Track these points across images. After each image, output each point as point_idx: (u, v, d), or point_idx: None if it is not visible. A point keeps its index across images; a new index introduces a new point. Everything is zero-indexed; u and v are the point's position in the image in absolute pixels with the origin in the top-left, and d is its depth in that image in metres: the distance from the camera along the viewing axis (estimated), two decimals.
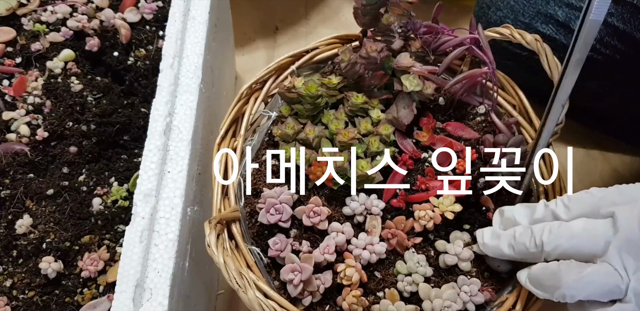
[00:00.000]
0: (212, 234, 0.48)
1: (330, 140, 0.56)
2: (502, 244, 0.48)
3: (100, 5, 0.70)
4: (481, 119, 0.60)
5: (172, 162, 0.54)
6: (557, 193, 0.55)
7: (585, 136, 0.94)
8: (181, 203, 0.52)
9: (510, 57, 0.78)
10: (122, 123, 0.63)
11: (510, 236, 0.47)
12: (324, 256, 0.50)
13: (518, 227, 0.47)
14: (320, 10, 1.10)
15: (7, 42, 0.67)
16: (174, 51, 0.60)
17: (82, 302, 0.53)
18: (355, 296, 0.48)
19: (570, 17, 0.73)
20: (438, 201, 0.53)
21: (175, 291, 0.49)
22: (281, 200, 0.52)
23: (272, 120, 0.59)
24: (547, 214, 0.47)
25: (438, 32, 0.59)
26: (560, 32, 0.74)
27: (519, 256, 0.47)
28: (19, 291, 0.54)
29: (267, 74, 0.61)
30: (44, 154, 0.61)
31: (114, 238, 0.57)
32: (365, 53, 0.56)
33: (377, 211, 0.53)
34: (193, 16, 0.63)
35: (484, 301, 0.50)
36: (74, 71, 0.67)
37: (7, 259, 0.55)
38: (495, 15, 0.78)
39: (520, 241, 0.46)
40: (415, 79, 0.56)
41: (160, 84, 0.57)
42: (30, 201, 0.58)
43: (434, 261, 0.52)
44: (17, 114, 0.62)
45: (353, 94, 0.57)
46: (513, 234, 0.47)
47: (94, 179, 0.60)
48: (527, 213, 0.49)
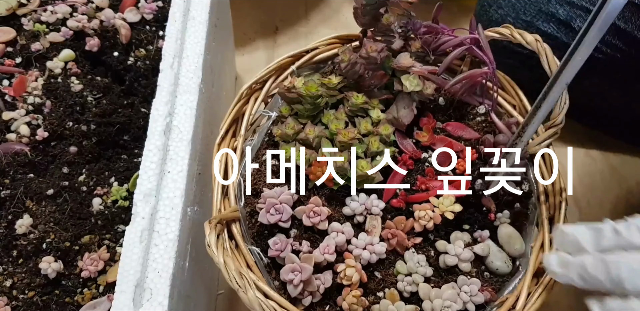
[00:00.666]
0: (212, 234, 0.48)
1: (330, 140, 0.56)
2: (572, 274, 0.42)
3: (100, 5, 0.70)
4: (481, 119, 0.60)
5: (172, 162, 0.54)
6: (557, 193, 0.55)
7: (585, 136, 0.94)
8: (181, 203, 0.52)
9: (511, 56, 0.78)
10: (122, 123, 0.63)
11: (580, 267, 0.41)
12: (324, 256, 0.50)
13: (587, 257, 0.41)
14: (320, 10, 1.10)
15: (7, 42, 0.67)
16: (174, 51, 0.60)
17: (82, 302, 0.53)
18: (355, 296, 0.48)
19: (572, 16, 0.73)
20: (438, 201, 0.53)
21: (175, 291, 0.49)
22: (281, 200, 0.52)
23: (272, 120, 0.59)
24: (619, 242, 0.40)
25: (438, 32, 0.59)
26: (561, 31, 0.74)
27: (594, 289, 0.41)
28: (19, 291, 0.54)
29: (267, 74, 0.61)
30: (44, 154, 0.61)
31: (114, 238, 0.57)
32: (365, 53, 0.56)
33: (377, 211, 0.53)
34: (193, 16, 0.63)
35: (484, 301, 0.50)
36: (74, 71, 0.67)
37: (7, 259, 0.55)
38: (496, 14, 0.78)
39: (593, 274, 0.40)
40: (415, 79, 0.56)
41: (160, 84, 0.57)
42: (30, 201, 0.58)
43: (434, 261, 0.52)
44: (17, 114, 0.62)
45: (353, 94, 0.57)
46: (583, 265, 0.41)
47: (94, 179, 0.60)
48: (593, 238, 0.42)
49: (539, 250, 0.53)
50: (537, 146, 0.56)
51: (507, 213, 0.55)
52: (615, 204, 0.88)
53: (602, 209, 0.87)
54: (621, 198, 0.88)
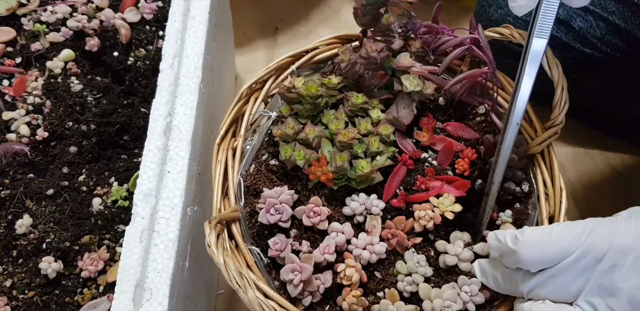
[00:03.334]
0: (212, 234, 0.48)
1: (330, 140, 0.56)
2: (490, 283, 0.50)
3: (100, 5, 0.70)
4: (481, 119, 0.60)
5: (172, 162, 0.54)
6: (557, 193, 0.55)
7: (585, 136, 0.94)
8: (181, 203, 0.52)
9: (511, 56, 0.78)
10: (122, 123, 0.63)
11: (494, 278, 0.49)
12: (324, 256, 0.50)
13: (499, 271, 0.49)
14: (320, 10, 1.10)
15: (7, 42, 0.67)
16: (174, 51, 0.60)
17: (82, 302, 0.53)
18: (355, 296, 0.48)
19: (571, 15, 0.73)
20: (438, 201, 0.53)
21: (175, 291, 0.49)
22: (281, 200, 0.52)
23: (272, 120, 0.59)
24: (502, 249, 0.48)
25: (438, 32, 0.59)
26: (561, 30, 0.74)
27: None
28: (19, 291, 0.54)
29: (267, 74, 0.61)
30: (44, 154, 0.61)
31: (114, 238, 0.57)
32: (365, 53, 0.56)
33: (377, 211, 0.53)
34: (193, 16, 0.63)
35: (484, 301, 0.50)
36: (74, 71, 0.67)
37: (7, 259, 0.55)
38: (496, 14, 0.78)
39: (503, 286, 0.49)
40: (415, 79, 0.56)
41: (160, 84, 0.57)
42: (30, 201, 0.58)
43: (434, 261, 0.52)
44: (17, 114, 0.62)
45: (353, 94, 0.57)
46: (496, 278, 0.49)
47: (94, 179, 0.60)
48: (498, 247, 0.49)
49: None
50: (537, 146, 0.56)
51: (509, 213, 0.55)
52: (615, 204, 0.88)
53: (602, 209, 0.87)
54: (621, 198, 0.88)
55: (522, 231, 0.46)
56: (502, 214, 0.55)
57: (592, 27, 0.72)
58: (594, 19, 0.72)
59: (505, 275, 0.48)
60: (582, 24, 0.72)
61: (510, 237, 0.46)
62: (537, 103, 0.61)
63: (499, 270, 0.48)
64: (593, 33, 0.72)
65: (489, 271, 0.49)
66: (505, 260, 0.47)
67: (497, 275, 0.48)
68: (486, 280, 0.50)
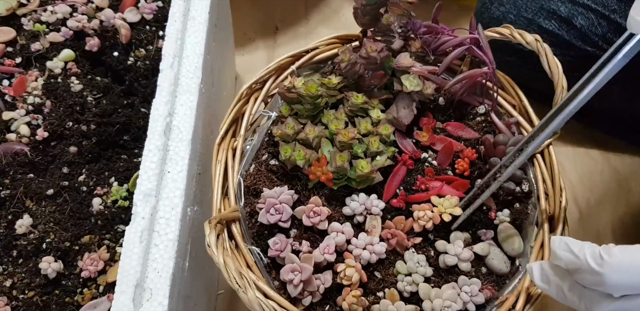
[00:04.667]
0: (212, 234, 0.48)
1: (330, 140, 0.56)
2: (551, 292, 0.43)
3: (100, 5, 0.70)
4: (481, 119, 0.60)
5: (172, 162, 0.54)
6: (557, 193, 0.55)
7: (585, 136, 0.94)
8: (181, 203, 0.52)
9: (512, 54, 0.78)
10: (122, 123, 0.63)
11: (559, 288, 0.42)
12: (324, 256, 0.50)
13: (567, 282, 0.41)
14: (320, 10, 1.10)
15: (7, 42, 0.67)
16: (174, 51, 0.60)
17: (82, 302, 0.53)
18: (355, 296, 0.48)
19: (573, 13, 0.73)
20: (439, 201, 0.53)
21: (175, 291, 0.49)
22: (281, 200, 0.52)
23: (272, 120, 0.59)
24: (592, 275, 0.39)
25: (438, 32, 0.59)
26: (562, 28, 0.74)
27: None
28: (19, 291, 0.54)
29: (267, 74, 0.61)
30: (44, 154, 0.61)
31: (114, 238, 0.57)
32: (365, 53, 0.56)
33: (377, 211, 0.53)
34: (193, 16, 0.63)
35: (484, 301, 0.50)
36: (74, 71, 0.67)
37: (7, 259, 0.55)
38: (497, 11, 0.78)
39: (570, 299, 0.41)
40: (415, 79, 0.56)
41: (160, 84, 0.57)
42: (30, 201, 0.58)
43: (434, 261, 0.52)
44: (17, 114, 0.62)
45: (353, 94, 0.57)
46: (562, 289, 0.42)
47: (94, 179, 0.60)
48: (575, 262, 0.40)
49: (538, 250, 0.53)
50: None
51: (507, 212, 0.55)
52: (615, 204, 0.88)
53: (602, 209, 0.87)
54: (621, 198, 0.88)
55: (608, 250, 0.38)
56: (500, 214, 0.55)
57: (593, 25, 0.72)
58: (595, 17, 0.72)
59: (575, 289, 0.41)
60: (584, 22, 0.72)
61: (592, 254, 0.38)
62: (537, 101, 0.61)
63: (567, 281, 0.41)
64: (595, 31, 0.72)
65: (553, 280, 0.42)
66: (581, 277, 0.39)
67: (563, 286, 0.41)
68: (547, 287, 0.42)
